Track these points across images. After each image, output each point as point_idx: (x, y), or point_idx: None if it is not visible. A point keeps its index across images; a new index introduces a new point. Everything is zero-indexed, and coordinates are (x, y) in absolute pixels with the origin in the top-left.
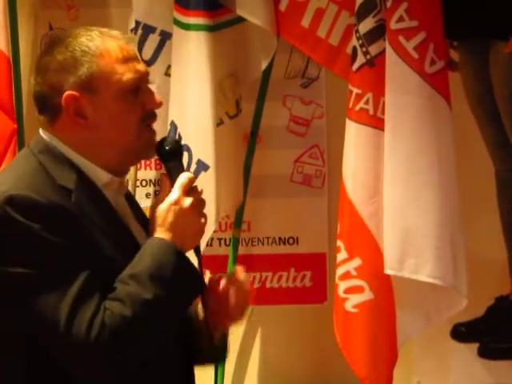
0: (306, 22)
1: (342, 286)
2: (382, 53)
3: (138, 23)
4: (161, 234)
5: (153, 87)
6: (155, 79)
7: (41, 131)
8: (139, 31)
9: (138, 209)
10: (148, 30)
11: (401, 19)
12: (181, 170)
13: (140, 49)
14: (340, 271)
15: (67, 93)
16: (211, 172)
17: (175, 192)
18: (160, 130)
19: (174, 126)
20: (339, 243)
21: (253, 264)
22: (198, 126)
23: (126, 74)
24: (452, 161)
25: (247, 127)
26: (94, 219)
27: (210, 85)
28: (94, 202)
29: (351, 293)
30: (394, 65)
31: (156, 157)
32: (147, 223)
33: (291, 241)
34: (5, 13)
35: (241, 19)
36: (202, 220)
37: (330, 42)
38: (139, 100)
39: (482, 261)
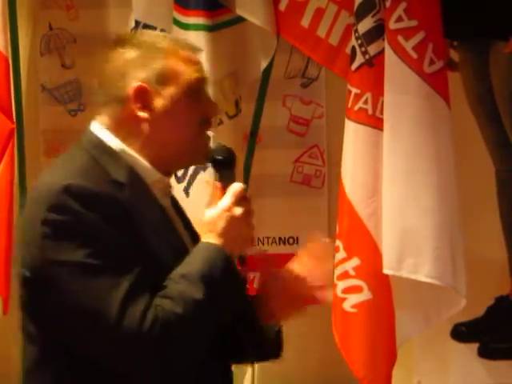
0: (305, 22)
1: (340, 285)
2: (381, 53)
3: (137, 23)
4: (212, 238)
5: None
6: None
7: (92, 126)
8: (139, 31)
9: (182, 212)
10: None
11: (400, 19)
12: (233, 179)
13: None
14: (338, 271)
15: (137, 84)
16: (210, 172)
17: (227, 200)
18: None
19: None
20: (338, 243)
21: (253, 264)
22: None
23: (194, 73)
24: (451, 161)
25: (247, 127)
26: (144, 215)
27: (209, 85)
28: (145, 198)
29: (350, 293)
30: (392, 65)
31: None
32: (190, 227)
33: (291, 241)
34: (4, 13)
35: (240, 19)
36: (250, 229)
37: (330, 42)
38: (200, 104)
39: (482, 261)
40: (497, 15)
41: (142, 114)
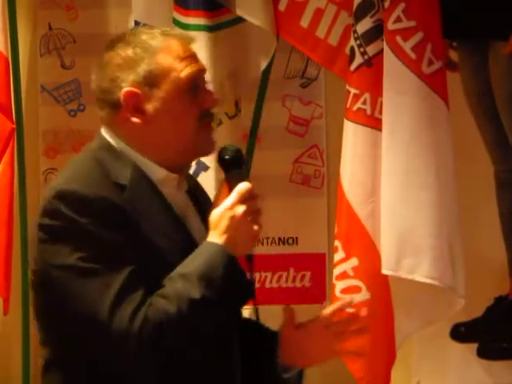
0: (305, 23)
1: (339, 286)
2: (380, 53)
3: (137, 23)
4: (214, 237)
5: None
6: None
7: (102, 129)
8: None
9: (204, 203)
10: None
11: (398, 19)
12: (240, 178)
13: None
14: (337, 271)
15: (126, 89)
16: (211, 172)
17: (230, 198)
18: None
19: None
20: (337, 243)
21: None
22: None
23: (184, 70)
24: (450, 161)
25: (247, 127)
26: (146, 214)
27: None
28: (148, 197)
29: (348, 293)
30: (391, 65)
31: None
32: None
33: (291, 241)
34: (4, 13)
35: (240, 19)
36: (256, 228)
37: (329, 43)
38: (197, 99)
39: (482, 261)
40: (496, 15)
41: (135, 119)
